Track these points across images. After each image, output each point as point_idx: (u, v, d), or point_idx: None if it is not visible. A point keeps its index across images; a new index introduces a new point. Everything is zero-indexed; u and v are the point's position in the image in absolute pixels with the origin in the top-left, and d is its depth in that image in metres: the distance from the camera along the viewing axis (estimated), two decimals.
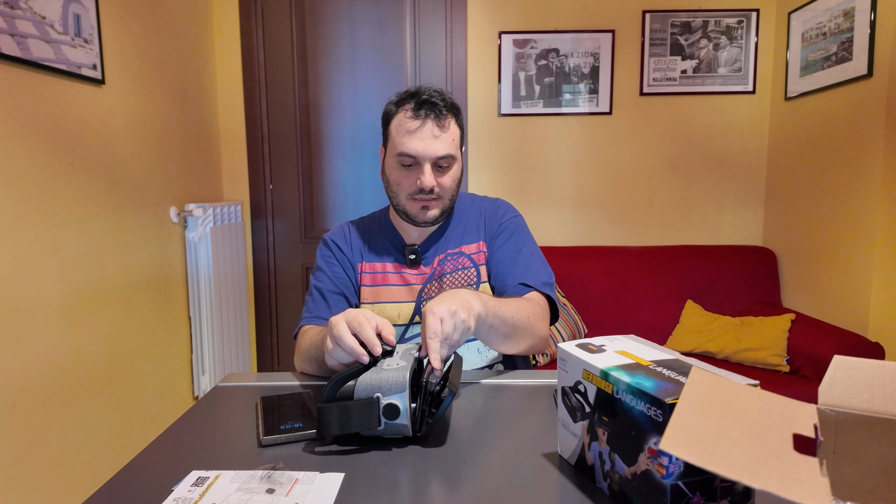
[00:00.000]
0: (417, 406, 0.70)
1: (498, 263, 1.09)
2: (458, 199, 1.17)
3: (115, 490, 0.60)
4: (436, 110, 1.01)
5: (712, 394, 0.46)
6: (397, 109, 1.04)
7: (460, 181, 1.09)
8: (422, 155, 1.00)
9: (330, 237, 1.15)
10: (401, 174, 1.04)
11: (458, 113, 1.06)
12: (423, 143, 1.00)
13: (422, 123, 1.00)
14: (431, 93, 1.02)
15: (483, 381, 0.92)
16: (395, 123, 1.03)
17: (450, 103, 1.04)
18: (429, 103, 1.01)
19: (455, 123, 1.05)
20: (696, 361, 0.56)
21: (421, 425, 0.69)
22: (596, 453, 0.58)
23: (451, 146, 1.02)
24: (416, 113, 1.00)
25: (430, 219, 1.06)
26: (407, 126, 1.01)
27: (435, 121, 1.00)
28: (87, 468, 1.61)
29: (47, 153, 1.48)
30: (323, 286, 1.09)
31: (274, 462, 0.64)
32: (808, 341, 1.99)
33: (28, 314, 1.41)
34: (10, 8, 1.34)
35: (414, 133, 1.00)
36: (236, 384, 0.92)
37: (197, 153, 2.32)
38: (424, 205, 1.04)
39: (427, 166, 1.01)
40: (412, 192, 1.03)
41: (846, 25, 2.04)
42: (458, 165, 1.07)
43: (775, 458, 0.38)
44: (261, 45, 2.54)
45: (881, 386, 0.46)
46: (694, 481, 0.48)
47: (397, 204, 1.07)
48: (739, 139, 2.58)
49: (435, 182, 1.02)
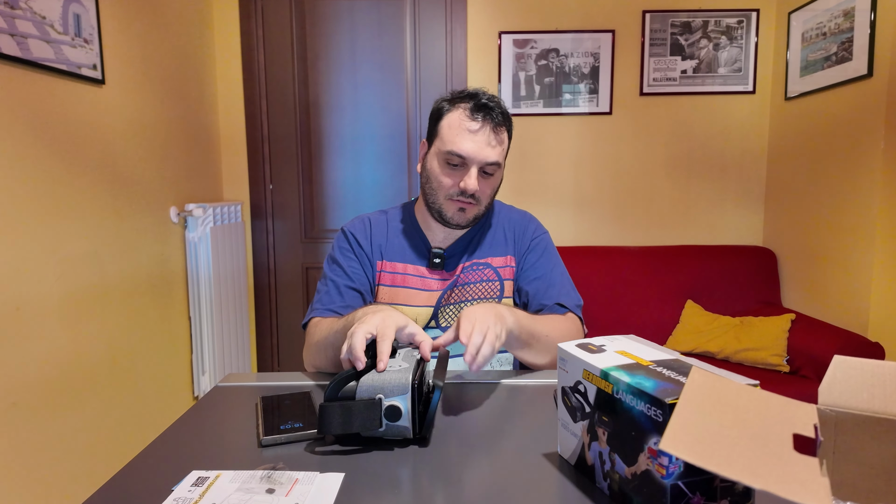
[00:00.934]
0: (417, 408, 0.70)
1: (532, 282, 1.08)
2: None
3: (115, 490, 0.60)
4: (493, 116, 1.00)
5: (712, 394, 0.46)
6: (451, 107, 1.02)
7: (497, 190, 1.08)
8: (472, 158, 0.99)
9: (349, 229, 1.12)
10: (445, 172, 1.02)
11: (511, 123, 1.06)
12: (476, 146, 0.98)
13: (479, 127, 0.99)
14: (491, 97, 1.01)
15: (483, 382, 0.92)
16: (449, 121, 1.01)
17: (506, 112, 1.03)
18: (487, 108, 1.00)
19: (507, 133, 1.04)
20: (696, 361, 0.56)
21: (420, 426, 0.69)
22: (596, 453, 0.58)
23: (501, 155, 1.02)
24: (474, 115, 0.99)
25: (465, 222, 1.04)
26: (464, 125, 0.99)
27: (492, 127, 0.99)
28: (88, 468, 1.61)
29: (47, 153, 1.48)
30: (339, 279, 1.07)
31: (274, 462, 0.64)
32: (808, 341, 1.99)
33: (28, 314, 1.41)
34: (10, 8, 1.34)
35: (469, 134, 0.99)
36: (236, 384, 0.92)
37: (197, 153, 2.32)
38: (462, 206, 1.02)
39: (474, 170, 0.99)
40: (453, 192, 1.01)
41: (846, 25, 2.04)
42: (501, 172, 1.06)
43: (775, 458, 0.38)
44: (261, 45, 2.55)
45: (881, 386, 0.46)
46: (694, 481, 0.48)
47: (434, 202, 1.05)
48: (739, 139, 2.58)
49: (478, 187, 1.00)
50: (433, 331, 1.07)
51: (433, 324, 1.07)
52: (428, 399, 0.74)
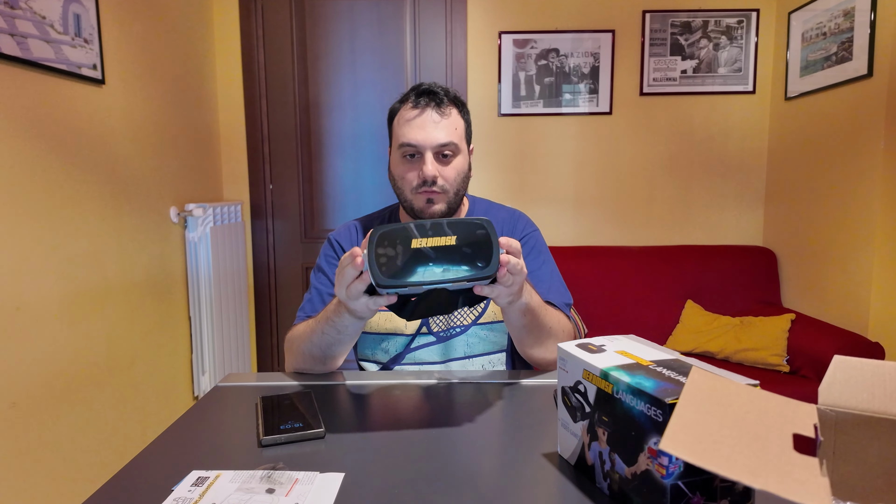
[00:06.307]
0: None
1: None
2: (473, 205, 1.14)
3: (115, 490, 0.60)
4: (436, 99, 1.00)
5: (712, 394, 0.46)
6: (400, 105, 1.03)
7: (467, 177, 1.06)
8: (422, 143, 0.98)
9: (335, 237, 1.12)
10: (404, 168, 1.02)
11: (462, 105, 1.05)
12: (423, 131, 0.98)
13: (421, 111, 0.99)
14: (432, 84, 1.02)
15: (483, 381, 0.92)
16: (398, 118, 1.03)
17: (452, 95, 1.03)
18: (429, 92, 1.00)
19: (458, 114, 1.03)
20: (696, 361, 0.56)
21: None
22: (596, 453, 0.58)
23: (454, 134, 1.00)
24: (416, 102, 1.00)
25: (436, 213, 1.02)
26: (407, 116, 1.00)
27: (435, 108, 0.99)
28: (88, 468, 1.61)
29: (47, 153, 1.48)
30: (323, 288, 1.07)
31: (274, 462, 0.64)
32: (808, 341, 1.99)
33: (28, 314, 1.41)
34: (10, 8, 1.34)
35: (413, 121, 0.99)
36: (236, 384, 0.92)
37: (197, 153, 2.32)
38: (429, 198, 1.01)
39: (428, 154, 0.98)
40: (416, 185, 1.00)
41: (846, 25, 2.04)
42: (464, 158, 1.04)
43: (775, 458, 0.38)
44: (261, 45, 2.54)
45: (881, 386, 0.46)
46: (694, 481, 0.48)
47: (404, 200, 1.04)
48: (739, 139, 2.58)
49: (437, 172, 0.99)
50: (424, 336, 1.05)
51: (424, 329, 1.05)
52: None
